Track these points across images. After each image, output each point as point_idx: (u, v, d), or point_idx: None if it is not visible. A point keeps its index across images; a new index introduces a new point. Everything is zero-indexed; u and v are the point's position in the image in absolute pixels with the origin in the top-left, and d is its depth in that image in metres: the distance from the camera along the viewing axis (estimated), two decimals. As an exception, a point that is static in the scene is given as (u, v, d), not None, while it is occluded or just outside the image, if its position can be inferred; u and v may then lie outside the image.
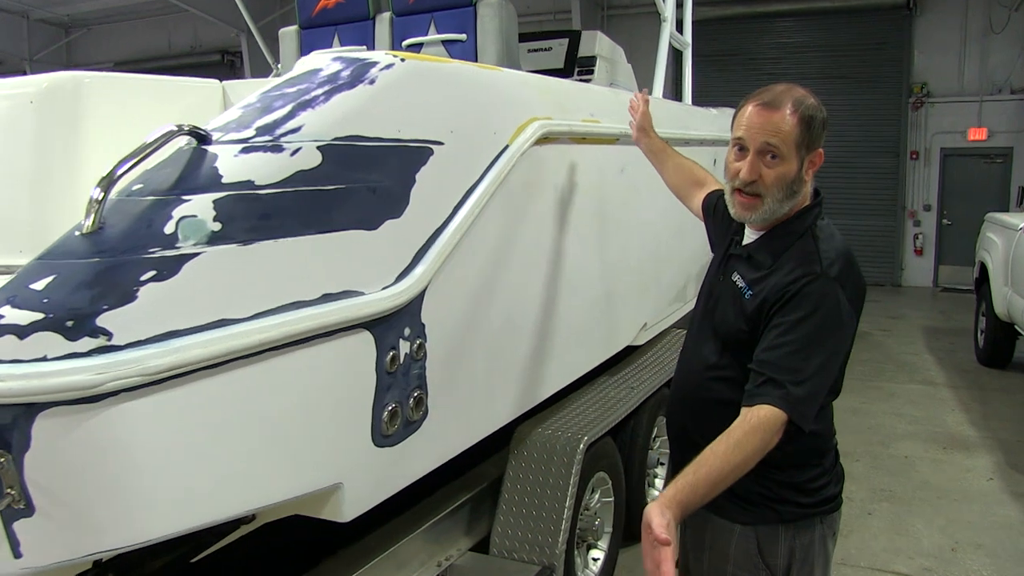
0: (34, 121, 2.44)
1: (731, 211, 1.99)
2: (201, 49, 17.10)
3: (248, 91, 2.34)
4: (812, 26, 13.70)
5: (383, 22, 3.83)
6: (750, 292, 1.92)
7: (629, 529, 3.99)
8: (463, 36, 3.60)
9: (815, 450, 2.01)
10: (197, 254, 1.55)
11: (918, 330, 9.86)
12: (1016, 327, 7.15)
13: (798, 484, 1.98)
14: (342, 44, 3.89)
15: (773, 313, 1.86)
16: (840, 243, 1.94)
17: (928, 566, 4.04)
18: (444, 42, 3.65)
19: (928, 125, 13.21)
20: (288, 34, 4.11)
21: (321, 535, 2.72)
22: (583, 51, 5.18)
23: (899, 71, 13.26)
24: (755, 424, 1.75)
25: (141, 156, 1.59)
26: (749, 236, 2.03)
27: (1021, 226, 7.04)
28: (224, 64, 16.84)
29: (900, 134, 13.37)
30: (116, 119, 2.59)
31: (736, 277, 1.99)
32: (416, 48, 3.68)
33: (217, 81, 3.15)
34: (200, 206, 1.60)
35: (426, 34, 3.69)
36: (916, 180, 13.42)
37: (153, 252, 1.51)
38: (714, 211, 2.35)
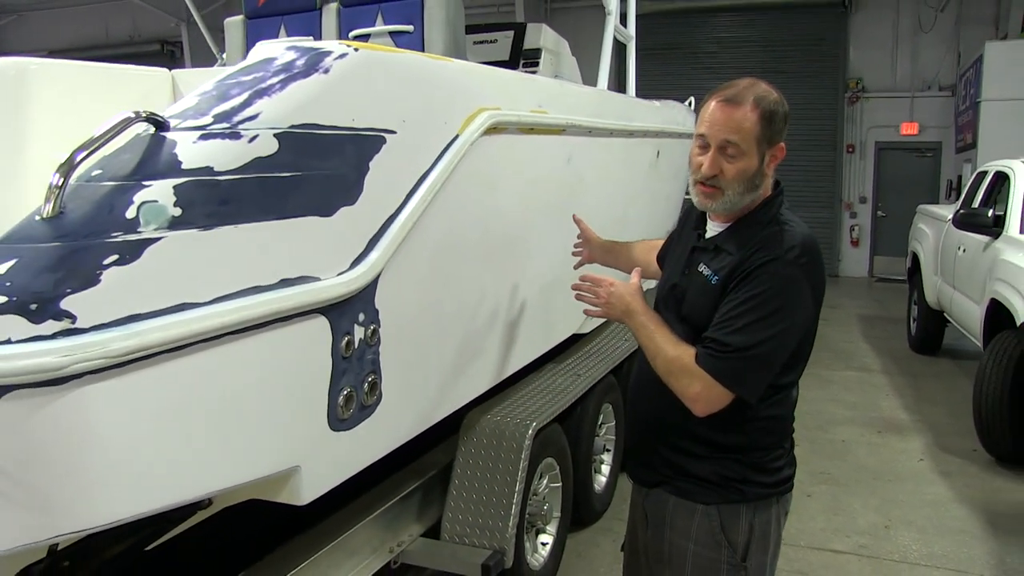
0: None
1: (694, 200, 2.05)
2: (140, 39, 16.74)
3: (198, 80, 2.32)
4: (751, 21, 13.95)
5: (330, 13, 3.81)
6: (716, 278, 1.97)
7: (577, 514, 4.06)
8: (410, 27, 3.60)
9: (780, 432, 2.09)
10: (158, 238, 1.57)
11: (854, 319, 10.14)
12: (945, 315, 7.39)
13: (761, 465, 2.05)
14: (288, 34, 3.86)
15: (730, 291, 1.92)
16: (805, 233, 1.99)
17: (863, 543, 4.21)
18: (391, 33, 3.66)
19: (863, 120, 13.58)
20: (234, 24, 4.06)
21: (271, 524, 2.73)
22: (528, 43, 5.19)
23: (836, 67, 13.59)
24: (691, 367, 1.91)
25: (100, 142, 1.59)
26: (713, 229, 2.08)
27: (949, 217, 7.27)
28: (164, 54, 16.49)
29: (837, 128, 13.71)
30: (62, 106, 2.56)
31: (702, 267, 2.03)
32: (363, 39, 3.67)
33: (166, 70, 3.13)
34: (161, 191, 1.61)
35: (373, 25, 3.69)
36: (852, 173, 13.78)
37: (115, 236, 1.52)
38: (664, 253, 2.45)
